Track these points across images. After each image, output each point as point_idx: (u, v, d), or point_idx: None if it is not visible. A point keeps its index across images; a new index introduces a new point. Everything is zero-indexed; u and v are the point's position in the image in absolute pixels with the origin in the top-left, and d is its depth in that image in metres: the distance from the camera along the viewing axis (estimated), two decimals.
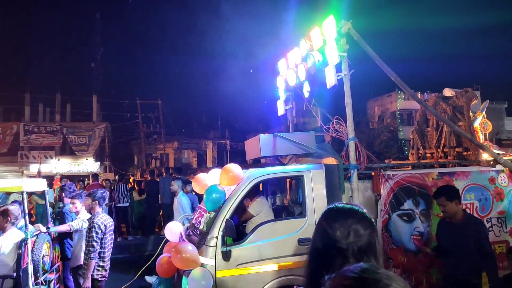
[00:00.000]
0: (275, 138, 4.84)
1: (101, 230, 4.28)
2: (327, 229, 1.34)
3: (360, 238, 1.30)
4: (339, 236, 1.30)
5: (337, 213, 1.39)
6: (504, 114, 37.66)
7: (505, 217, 4.87)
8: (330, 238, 1.31)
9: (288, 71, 5.90)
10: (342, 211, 1.40)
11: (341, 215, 1.37)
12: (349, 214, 1.37)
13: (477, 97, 5.88)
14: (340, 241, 1.29)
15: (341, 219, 1.34)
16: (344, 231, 1.31)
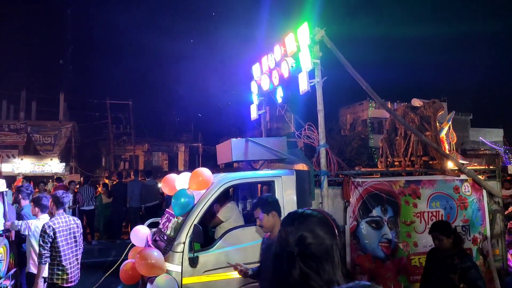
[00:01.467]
0: (247, 142, 4.80)
1: (47, 234, 4.06)
2: (281, 233, 1.34)
3: (312, 244, 1.27)
4: (290, 241, 1.29)
5: (293, 218, 1.38)
6: (469, 126, 39.40)
7: (469, 225, 5.02)
8: (282, 243, 1.31)
9: (262, 76, 5.89)
10: (298, 216, 1.38)
11: (297, 220, 1.35)
12: (304, 219, 1.35)
13: (444, 108, 6.07)
14: (290, 246, 1.28)
15: (296, 224, 1.33)
16: (295, 236, 1.29)
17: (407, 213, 4.77)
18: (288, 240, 1.30)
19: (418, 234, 4.75)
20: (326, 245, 1.28)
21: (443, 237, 3.54)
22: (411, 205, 4.82)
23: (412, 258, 4.66)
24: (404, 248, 4.66)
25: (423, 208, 4.84)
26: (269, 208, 3.16)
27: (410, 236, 4.72)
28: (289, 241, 1.29)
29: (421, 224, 4.78)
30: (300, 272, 1.23)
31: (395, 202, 4.77)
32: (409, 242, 4.69)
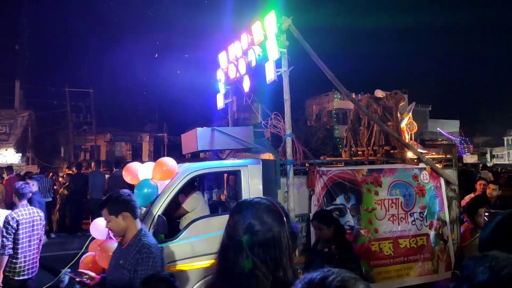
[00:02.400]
0: (213, 132, 4.73)
1: (10, 225, 3.94)
2: (229, 222, 1.35)
3: (259, 232, 1.28)
4: (238, 230, 1.29)
5: (241, 207, 1.38)
6: (427, 117, 41.21)
7: (426, 212, 5.24)
8: (230, 232, 1.31)
9: (229, 64, 5.81)
10: (246, 204, 1.38)
11: (244, 208, 1.35)
12: (251, 207, 1.35)
13: (405, 99, 6.26)
14: (238, 235, 1.28)
15: (243, 212, 1.33)
16: (243, 224, 1.29)
17: (369, 201, 4.91)
18: (236, 229, 1.30)
19: (379, 220, 4.91)
20: (274, 232, 1.29)
21: (323, 226, 3.51)
22: (373, 193, 4.96)
23: (372, 244, 4.82)
24: (365, 234, 4.81)
25: (384, 195, 5.00)
26: (118, 208, 2.63)
27: (371, 223, 4.87)
28: (237, 230, 1.29)
29: (382, 211, 4.94)
30: (247, 261, 1.24)
31: (357, 190, 4.89)
32: (370, 229, 4.85)
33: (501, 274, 0.75)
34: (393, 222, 4.99)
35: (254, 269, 1.23)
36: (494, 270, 0.77)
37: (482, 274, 0.77)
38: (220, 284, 1.31)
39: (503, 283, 0.74)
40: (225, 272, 1.30)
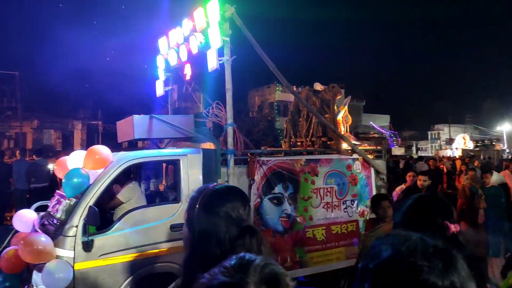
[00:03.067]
0: (151, 119, 4.57)
1: None
2: (187, 213, 1.30)
3: (244, 218, 1.29)
4: (194, 219, 1.27)
5: (222, 194, 1.34)
6: (362, 111, 43.54)
7: (357, 200, 5.56)
8: (187, 223, 1.29)
9: (169, 50, 5.62)
10: (228, 191, 1.36)
11: (225, 196, 1.33)
12: (236, 195, 1.36)
13: (342, 93, 6.54)
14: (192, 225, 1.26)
15: (231, 200, 1.31)
16: (233, 213, 1.28)
17: (306, 190, 5.09)
18: (192, 219, 1.28)
19: (314, 208, 5.12)
20: (248, 219, 1.30)
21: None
22: (310, 182, 5.15)
23: (307, 231, 5.02)
24: (301, 222, 4.99)
25: (319, 184, 5.21)
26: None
27: (307, 211, 5.06)
28: (193, 220, 1.28)
29: (317, 199, 5.15)
30: (199, 252, 1.23)
31: (295, 180, 5.04)
32: (306, 216, 5.04)
33: (401, 249, 0.81)
34: (327, 209, 5.23)
35: (208, 260, 1.19)
36: (395, 246, 0.82)
37: (386, 251, 0.82)
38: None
39: (403, 256, 0.80)
40: (185, 265, 1.28)
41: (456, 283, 0.77)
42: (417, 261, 0.78)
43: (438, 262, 0.79)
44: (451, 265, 0.80)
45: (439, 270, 0.77)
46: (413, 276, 0.77)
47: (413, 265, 0.78)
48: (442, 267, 0.78)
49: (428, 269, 0.77)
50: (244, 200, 1.37)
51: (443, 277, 0.77)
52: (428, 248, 0.82)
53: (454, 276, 0.78)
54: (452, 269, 0.79)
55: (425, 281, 0.76)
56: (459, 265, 0.81)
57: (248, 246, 1.23)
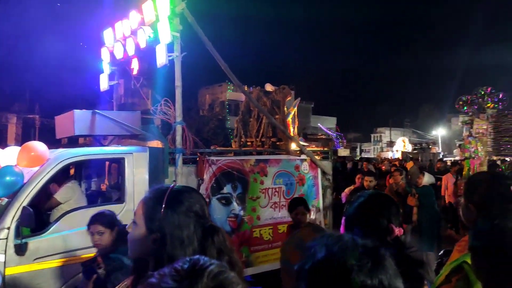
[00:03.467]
0: (93, 115, 4.33)
1: None
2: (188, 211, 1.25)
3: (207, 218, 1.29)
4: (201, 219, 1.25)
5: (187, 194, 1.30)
6: (310, 113, 44.78)
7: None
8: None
9: (115, 43, 5.36)
10: (191, 191, 1.33)
11: (188, 196, 1.29)
12: (198, 194, 1.33)
13: (291, 94, 6.66)
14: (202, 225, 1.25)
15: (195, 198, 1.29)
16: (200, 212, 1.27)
17: (254, 190, 5.12)
18: (154, 221, 1.24)
19: (262, 208, 5.16)
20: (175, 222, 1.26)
21: (104, 230, 2.70)
22: (259, 182, 5.18)
23: (254, 231, 5.05)
24: (249, 222, 5.01)
25: (268, 184, 5.26)
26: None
27: (255, 211, 5.09)
28: (155, 221, 1.24)
29: (265, 199, 5.20)
30: (166, 255, 1.20)
31: (244, 179, 5.04)
32: (253, 216, 5.06)
33: (333, 249, 0.85)
34: (274, 209, 5.29)
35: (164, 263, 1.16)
36: (328, 247, 0.86)
37: (320, 252, 0.86)
38: None
39: (335, 256, 0.83)
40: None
41: (384, 281, 0.81)
42: (347, 261, 0.81)
43: (367, 261, 0.82)
44: (379, 264, 0.83)
45: (367, 269, 0.80)
46: (344, 275, 0.80)
47: (344, 265, 0.81)
48: (371, 266, 0.81)
49: (357, 268, 0.80)
50: (205, 200, 1.37)
51: (371, 276, 0.80)
52: (357, 247, 0.85)
53: (382, 274, 0.81)
54: (380, 268, 0.82)
55: (355, 280, 0.79)
56: (387, 263, 0.85)
57: (218, 244, 1.23)
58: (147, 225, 1.25)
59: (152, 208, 1.25)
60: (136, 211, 1.30)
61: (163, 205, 1.24)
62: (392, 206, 1.61)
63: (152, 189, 1.33)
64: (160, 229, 1.22)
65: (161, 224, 1.22)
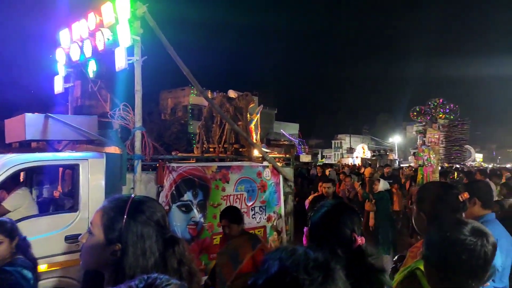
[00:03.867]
0: (46, 119, 4.12)
1: None
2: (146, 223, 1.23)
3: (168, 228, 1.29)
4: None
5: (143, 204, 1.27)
6: (274, 119, 45.25)
7: (265, 206, 5.72)
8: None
9: (72, 44, 5.14)
10: (152, 201, 1.31)
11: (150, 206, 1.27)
12: (159, 204, 1.32)
13: (254, 101, 6.68)
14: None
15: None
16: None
17: (216, 197, 5.07)
18: (114, 230, 1.22)
19: None
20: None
21: (3, 239, 2.41)
22: (220, 189, 5.14)
23: (214, 238, 5.00)
24: (209, 229, 4.95)
25: (230, 191, 5.23)
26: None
27: (216, 218, 5.03)
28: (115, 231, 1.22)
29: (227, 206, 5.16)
30: (127, 265, 1.18)
31: (206, 186, 4.99)
32: (214, 223, 5.01)
33: (286, 264, 0.86)
34: None
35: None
36: (281, 261, 0.87)
37: (273, 266, 0.87)
38: None
39: (288, 270, 0.85)
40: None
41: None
42: (299, 275, 0.83)
43: (318, 275, 0.84)
44: (329, 277, 0.85)
45: (318, 283, 0.83)
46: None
47: (296, 280, 0.82)
48: (322, 280, 0.83)
49: (309, 283, 0.82)
50: (165, 210, 1.35)
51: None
52: (309, 262, 0.87)
53: (332, 287, 0.84)
54: (330, 281, 0.85)
55: None
56: (337, 276, 0.87)
57: (178, 255, 1.22)
58: (106, 236, 1.20)
59: (112, 218, 1.21)
60: (93, 221, 1.24)
61: (125, 215, 1.20)
62: (354, 216, 1.65)
63: (112, 199, 1.29)
64: (121, 239, 1.19)
65: (122, 234, 1.19)
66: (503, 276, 2.26)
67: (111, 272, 1.19)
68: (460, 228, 1.37)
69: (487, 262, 1.33)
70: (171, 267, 1.20)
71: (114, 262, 1.19)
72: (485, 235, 1.35)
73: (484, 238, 1.34)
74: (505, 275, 2.25)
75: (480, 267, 1.33)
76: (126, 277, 1.14)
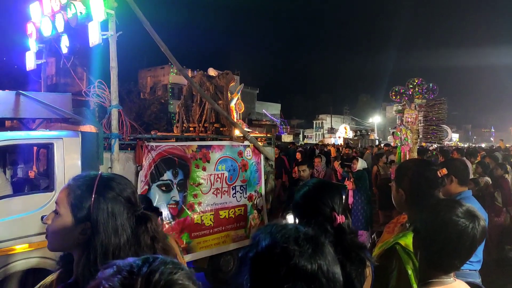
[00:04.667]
0: (17, 96, 3.95)
1: None
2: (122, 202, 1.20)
3: (139, 205, 1.27)
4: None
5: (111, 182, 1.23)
6: (255, 99, 45.08)
7: (246, 185, 5.73)
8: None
9: (43, 18, 4.90)
10: (121, 178, 1.28)
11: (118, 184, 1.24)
12: (128, 181, 1.30)
13: (235, 80, 6.59)
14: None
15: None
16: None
17: (196, 176, 5.04)
18: (83, 208, 1.19)
19: (204, 194, 5.11)
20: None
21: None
22: (201, 169, 5.11)
23: (195, 217, 5.00)
24: (189, 208, 4.95)
25: (211, 170, 5.21)
26: None
27: (196, 197, 5.03)
28: (84, 209, 1.18)
29: (207, 185, 5.15)
30: (99, 243, 1.15)
31: (186, 166, 4.95)
32: (195, 202, 5.00)
33: (277, 236, 0.89)
34: (216, 195, 5.27)
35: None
36: (272, 235, 0.90)
37: (264, 240, 0.90)
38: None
39: (278, 243, 0.88)
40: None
41: (323, 266, 0.86)
42: (289, 246, 0.86)
43: (308, 247, 0.87)
44: (319, 250, 0.88)
45: (308, 255, 0.85)
46: (285, 260, 0.84)
47: (286, 250, 0.85)
48: (311, 252, 0.86)
49: (298, 253, 0.85)
50: (134, 187, 1.34)
51: (311, 261, 0.85)
52: (300, 234, 0.89)
53: (321, 260, 0.86)
54: (320, 254, 0.87)
55: (295, 265, 0.84)
56: (326, 250, 0.90)
57: (151, 232, 1.22)
58: (75, 215, 1.16)
59: (80, 196, 1.17)
60: (58, 200, 1.20)
61: (93, 192, 1.17)
62: (335, 194, 1.67)
63: (78, 176, 1.24)
64: (90, 218, 1.15)
65: (91, 212, 1.15)
66: (477, 251, 2.35)
67: (81, 252, 1.16)
68: (454, 209, 1.41)
69: (474, 244, 1.38)
70: (144, 244, 1.19)
71: (84, 241, 1.16)
72: (477, 218, 1.39)
73: (476, 221, 1.38)
74: (479, 250, 2.34)
75: (466, 249, 1.38)
76: (99, 256, 1.12)
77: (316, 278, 0.84)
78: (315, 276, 0.84)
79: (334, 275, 0.87)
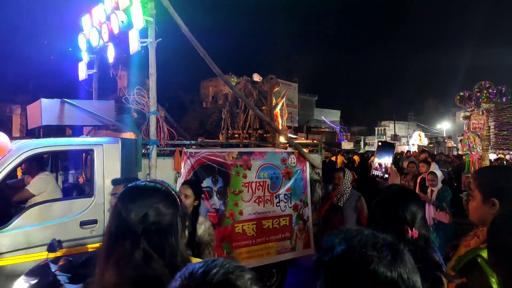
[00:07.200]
0: (62, 104, 4.13)
1: None
2: (121, 210, 1.21)
3: (159, 219, 1.22)
4: (133, 218, 1.19)
5: (135, 192, 1.27)
6: (314, 106, 44.42)
7: (291, 194, 5.46)
8: (123, 221, 1.20)
9: (91, 29, 5.14)
10: (141, 190, 1.28)
11: (139, 194, 1.25)
12: (147, 195, 1.26)
13: (279, 84, 6.36)
14: (133, 225, 1.19)
15: (139, 199, 1.23)
16: (140, 213, 1.20)
17: (237, 183, 4.89)
18: (130, 219, 1.20)
19: (245, 202, 4.94)
20: (171, 221, 1.24)
21: None
22: (241, 176, 4.95)
23: (236, 226, 4.83)
24: (230, 217, 4.80)
25: (252, 178, 5.03)
26: None
27: (237, 205, 4.86)
28: (132, 220, 1.19)
29: (249, 193, 4.97)
30: (143, 253, 1.16)
31: (226, 173, 4.82)
32: (235, 211, 4.84)
33: (353, 242, 0.87)
34: (258, 204, 5.07)
35: (151, 262, 1.17)
36: (347, 240, 0.88)
37: (339, 245, 0.87)
38: (113, 279, 1.17)
39: (355, 248, 0.85)
40: (116, 266, 1.17)
41: (403, 274, 0.82)
42: (367, 252, 0.83)
43: (387, 253, 0.83)
44: (399, 257, 0.84)
45: (387, 261, 0.82)
46: (364, 266, 0.81)
47: (364, 256, 0.83)
48: (391, 258, 0.82)
49: (378, 259, 0.81)
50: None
51: (391, 268, 0.81)
52: (378, 240, 0.87)
53: (402, 268, 0.82)
54: (399, 261, 0.83)
55: (374, 271, 0.80)
56: (405, 257, 0.86)
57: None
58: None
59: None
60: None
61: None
62: (412, 205, 1.63)
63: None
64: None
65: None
66: None
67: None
68: None
69: None
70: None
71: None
72: None
73: None
74: None
75: None
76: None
77: (397, 286, 0.81)
78: (395, 284, 0.81)
79: (415, 284, 0.84)
